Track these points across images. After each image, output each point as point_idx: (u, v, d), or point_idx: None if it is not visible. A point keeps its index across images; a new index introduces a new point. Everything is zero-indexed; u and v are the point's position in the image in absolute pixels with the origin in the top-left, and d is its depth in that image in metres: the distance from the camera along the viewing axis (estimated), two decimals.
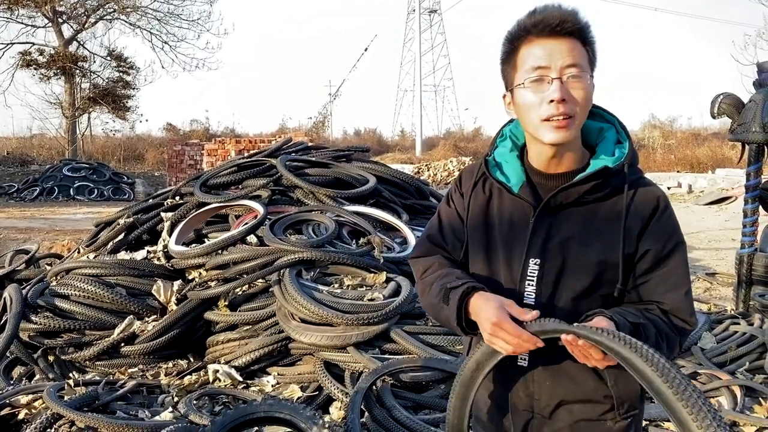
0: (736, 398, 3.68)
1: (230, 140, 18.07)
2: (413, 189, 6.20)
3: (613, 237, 1.41)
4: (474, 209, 1.57)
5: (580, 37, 1.39)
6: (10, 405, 3.27)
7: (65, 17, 27.13)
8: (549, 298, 1.45)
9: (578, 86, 1.37)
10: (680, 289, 1.43)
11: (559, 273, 1.45)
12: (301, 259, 4.24)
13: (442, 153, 29.50)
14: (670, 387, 1.18)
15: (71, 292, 4.42)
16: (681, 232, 1.46)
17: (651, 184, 1.47)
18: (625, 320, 1.34)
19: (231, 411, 2.94)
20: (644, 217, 1.42)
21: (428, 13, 50.21)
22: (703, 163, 23.71)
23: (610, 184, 1.43)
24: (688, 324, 1.43)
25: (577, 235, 1.44)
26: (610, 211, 1.43)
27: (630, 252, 1.42)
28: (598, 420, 1.49)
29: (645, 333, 1.36)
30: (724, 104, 5.19)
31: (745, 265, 5.31)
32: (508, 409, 1.55)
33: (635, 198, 1.43)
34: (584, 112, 1.40)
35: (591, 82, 1.40)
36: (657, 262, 1.43)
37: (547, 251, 1.45)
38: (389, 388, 3.40)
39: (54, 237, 9.89)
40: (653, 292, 1.44)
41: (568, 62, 1.36)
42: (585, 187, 1.42)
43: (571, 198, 1.44)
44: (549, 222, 1.46)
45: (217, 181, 5.57)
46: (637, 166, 1.48)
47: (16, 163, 24.75)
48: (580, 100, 1.38)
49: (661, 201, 1.44)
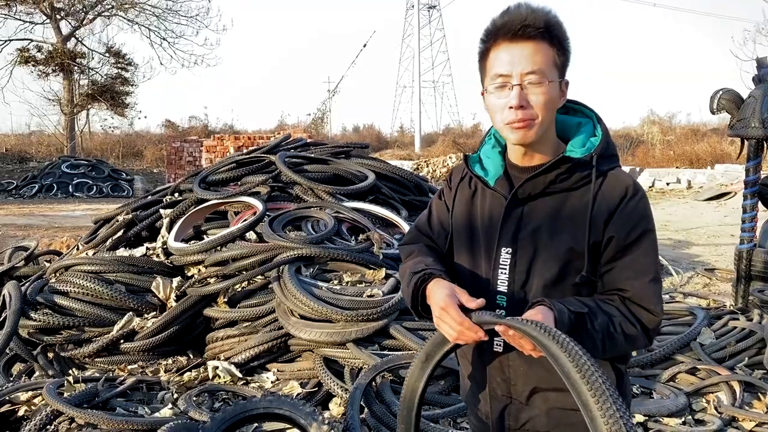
0: (736, 393, 3.69)
1: (229, 137, 18.07)
2: (412, 185, 6.19)
3: (581, 226, 1.45)
4: (459, 203, 1.64)
5: (546, 38, 1.42)
6: (10, 402, 3.27)
7: (63, 14, 27.05)
8: (521, 286, 1.50)
9: (537, 92, 1.42)
10: (643, 276, 1.44)
11: (530, 261, 1.49)
12: (300, 255, 4.24)
13: (441, 149, 29.45)
14: (578, 371, 1.21)
15: (70, 289, 4.42)
16: (650, 221, 1.47)
17: (623, 174, 1.50)
18: (565, 309, 1.36)
19: (230, 407, 2.94)
20: (611, 206, 1.45)
21: (427, 8, 50.11)
22: (702, 159, 23.68)
23: (577, 174, 1.47)
24: (651, 313, 1.44)
25: (547, 225, 1.49)
26: (579, 201, 1.47)
27: (596, 240, 1.45)
28: (575, 410, 1.47)
29: (591, 321, 1.39)
30: (724, 100, 5.18)
31: (744, 261, 5.32)
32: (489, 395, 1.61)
33: (603, 187, 1.47)
34: (546, 113, 1.45)
35: (553, 85, 1.44)
36: (621, 249, 1.45)
37: (518, 240, 1.51)
38: (389, 384, 3.41)
39: (53, 234, 9.89)
40: (616, 279, 1.46)
41: (527, 69, 1.41)
42: (549, 177, 1.48)
43: (539, 188, 1.49)
44: (521, 212, 1.52)
45: (216, 177, 5.57)
46: (612, 158, 1.51)
47: (15, 160, 24.75)
48: (540, 104, 1.43)
49: (630, 190, 1.46)
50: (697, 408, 3.63)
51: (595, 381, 1.20)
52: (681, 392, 3.69)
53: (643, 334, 1.44)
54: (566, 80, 1.50)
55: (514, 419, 1.58)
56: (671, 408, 3.48)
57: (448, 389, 3.49)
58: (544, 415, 1.54)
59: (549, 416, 1.53)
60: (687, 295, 6.39)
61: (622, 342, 1.42)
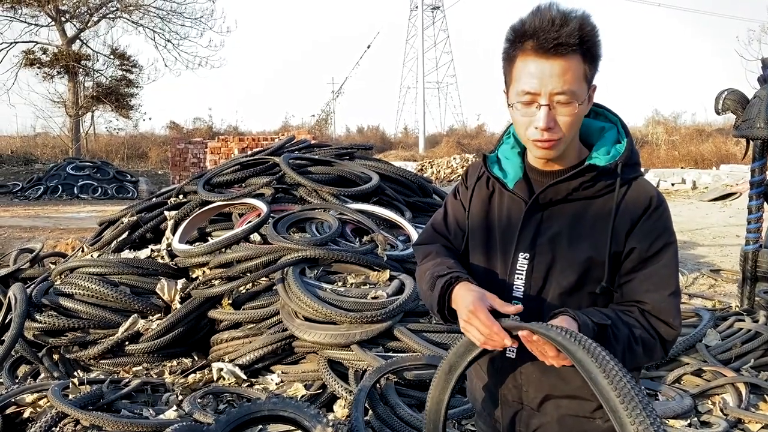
0: (741, 395, 3.67)
1: (233, 138, 18.09)
2: (416, 186, 6.19)
3: (602, 235, 1.42)
4: (476, 203, 1.61)
5: (580, 53, 1.36)
6: (16, 403, 3.28)
7: (68, 16, 27.17)
8: (538, 292, 1.48)
9: (566, 113, 1.37)
10: (663, 290, 1.41)
11: (548, 268, 1.47)
12: (304, 257, 4.24)
13: (445, 150, 29.45)
14: (606, 376, 1.19)
15: (75, 291, 4.43)
16: (672, 234, 1.45)
17: (648, 184, 1.47)
18: (589, 320, 1.34)
19: (235, 409, 2.94)
20: (634, 216, 1.42)
21: (431, 9, 50.08)
22: (707, 159, 23.61)
23: (601, 182, 1.44)
24: (670, 327, 1.41)
25: (567, 232, 1.46)
26: (601, 209, 1.44)
27: (617, 251, 1.43)
28: (588, 418, 1.50)
29: (613, 334, 1.36)
30: (729, 100, 5.16)
31: (750, 262, 5.29)
32: (500, 401, 1.60)
33: (627, 197, 1.44)
34: (571, 133, 1.42)
35: (581, 107, 1.39)
36: (642, 261, 1.42)
37: (536, 246, 1.48)
38: (393, 386, 3.40)
39: (58, 236, 9.91)
40: (636, 291, 1.43)
41: (557, 89, 1.35)
42: (573, 184, 1.44)
43: (561, 194, 1.46)
44: (540, 217, 1.49)
45: (220, 179, 5.58)
46: (636, 166, 1.48)
47: (20, 162, 24.83)
48: (567, 124, 1.39)
49: (654, 201, 1.43)
50: (703, 410, 3.61)
51: (624, 386, 1.18)
52: (686, 394, 3.68)
53: (661, 347, 1.42)
54: (594, 85, 1.44)
55: (525, 425, 1.57)
56: (677, 410, 3.47)
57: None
58: (556, 422, 1.52)
59: (561, 423, 1.52)
60: (692, 296, 6.37)
61: (641, 354, 1.40)
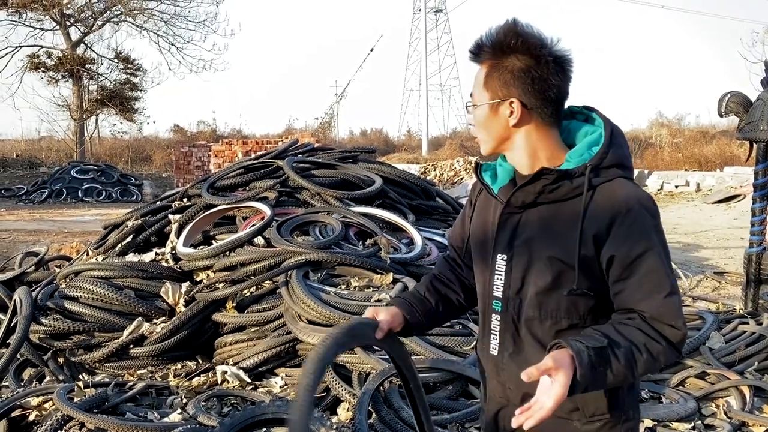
0: (745, 398, 3.66)
1: (237, 141, 18.15)
2: (419, 190, 6.20)
3: (571, 238, 1.43)
4: (477, 211, 1.68)
5: (490, 59, 1.49)
6: (21, 406, 3.30)
7: (73, 20, 27.30)
8: (516, 292, 1.52)
9: (472, 115, 1.56)
10: (657, 294, 1.40)
11: (525, 269, 1.51)
12: (308, 260, 4.25)
13: (448, 153, 29.45)
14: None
15: (80, 295, 4.45)
16: (654, 234, 1.42)
17: (623, 187, 1.45)
18: (583, 347, 1.32)
19: (239, 412, 2.96)
20: (605, 221, 1.42)
21: (434, 12, 50.12)
22: (711, 162, 23.57)
23: (568, 185, 1.45)
24: (675, 328, 1.40)
25: (539, 234, 1.49)
26: (572, 213, 1.45)
27: (588, 254, 1.43)
28: (566, 419, 1.51)
29: (613, 353, 1.34)
30: (732, 103, 5.16)
31: (754, 264, 5.29)
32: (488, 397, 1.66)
33: (597, 200, 1.43)
34: (485, 131, 1.54)
35: (481, 109, 1.52)
36: (627, 267, 1.41)
37: (514, 248, 1.53)
38: (397, 389, 3.41)
39: (63, 239, 9.95)
40: (630, 300, 1.42)
41: (470, 92, 1.56)
42: (536, 187, 1.48)
43: (530, 198, 1.50)
44: (518, 220, 1.53)
45: (224, 182, 5.59)
46: (614, 169, 1.46)
47: (25, 166, 24.94)
48: (476, 125, 1.56)
49: (625, 205, 1.41)
50: (707, 413, 3.61)
51: None
52: (690, 397, 3.67)
53: (671, 348, 1.41)
54: (511, 100, 1.47)
55: (508, 422, 1.57)
56: (680, 413, 3.46)
57: (455, 394, 3.49)
58: None
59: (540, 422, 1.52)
60: (696, 298, 6.37)
61: (649, 360, 1.38)
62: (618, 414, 1.50)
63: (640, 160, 25.67)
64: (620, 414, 1.51)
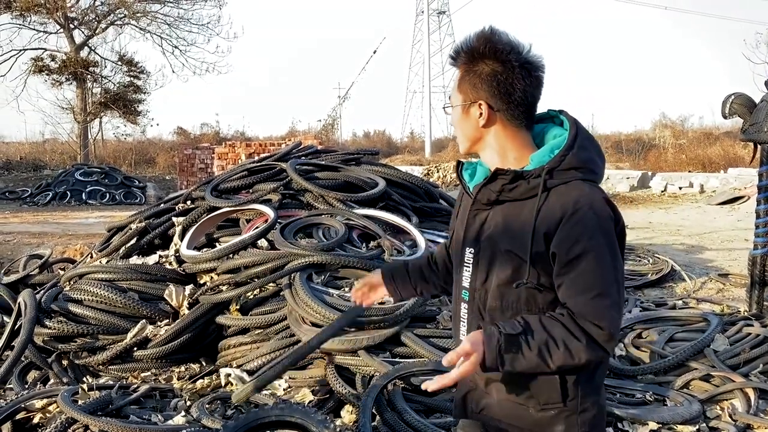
0: (750, 401, 3.65)
1: (240, 143, 18.17)
2: (423, 192, 6.20)
3: (525, 235, 1.52)
4: (461, 209, 1.77)
5: (462, 65, 1.61)
6: (25, 409, 3.31)
7: (76, 23, 27.32)
8: (482, 283, 1.63)
9: (450, 116, 1.67)
10: (586, 293, 1.47)
11: (489, 262, 1.61)
12: (311, 262, 4.26)
13: (451, 154, 29.42)
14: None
15: (84, 297, 4.46)
16: (595, 236, 1.48)
17: (576, 189, 1.51)
18: (496, 332, 1.47)
19: (243, 415, 2.96)
20: (553, 221, 1.50)
21: (437, 14, 50.16)
22: (715, 163, 23.50)
23: (525, 186, 1.54)
24: (599, 328, 1.46)
25: (501, 230, 1.59)
26: (529, 211, 1.54)
27: (539, 251, 1.51)
28: (522, 405, 1.60)
29: (525, 340, 1.46)
30: (736, 104, 5.15)
31: (758, 266, 5.27)
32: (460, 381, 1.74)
33: (548, 201, 1.52)
34: (460, 132, 1.66)
35: (456, 110, 1.64)
36: (565, 265, 1.49)
37: (480, 242, 1.64)
38: (400, 391, 3.40)
39: (67, 241, 9.97)
40: (563, 295, 1.51)
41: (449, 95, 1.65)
42: (495, 186, 1.58)
43: (492, 196, 1.60)
44: (486, 216, 1.64)
45: (227, 185, 5.60)
46: (570, 171, 1.53)
47: (29, 168, 24.99)
48: (453, 126, 1.67)
49: (573, 206, 1.48)
50: (712, 415, 3.60)
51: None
52: (695, 399, 3.66)
53: (594, 347, 1.47)
54: (479, 102, 1.59)
55: (476, 404, 1.71)
56: (685, 415, 3.45)
57: None
58: (497, 404, 1.64)
59: (501, 407, 1.64)
60: (700, 300, 6.34)
61: (566, 355, 1.46)
62: (573, 404, 1.56)
63: (643, 162, 25.64)
64: (575, 404, 1.56)
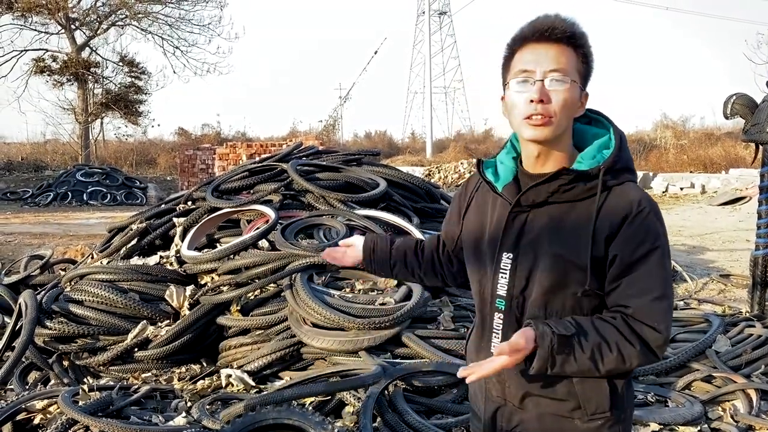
0: (752, 402, 3.65)
1: (241, 144, 18.19)
2: (423, 192, 6.19)
3: (582, 238, 1.45)
4: (473, 208, 1.70)
5: (572, 45, 1.47)
6: (26, 410, 3.30)
7: (78, 24, 27.37)
8: (521, 291, 1.53)
9: (559, 89, 1.45)
10: (647, 294, 1.43)
11: (530, 268, 1.51)
12: (312, 263, 4.25)
13: (452, 155, 29.46)
14: None
15: (85, 298, 4.45)
16: (659, 238, 1.45)
17: (633, 189, 1.48)
18: (549, 331, 1.40)
19: (240, 418, 2.95)
20: (615, 221, 1.44)
21: (438, 15, 50.15)
22: (716, 163, 23.52)
23: (581, 186, 1.48)
24: (656, 330, 1.42)
25: (548, 233, 1.50)
26: (583, 213, 1.47)
27: (598, 255, 1.45)
28: (567, 417, 1.53)
29: (578, 341, 1.41)
30: (737, 105, 5.15)
31: (760, 267, 5.27)
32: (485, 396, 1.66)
33: (608, 201, 1.46)
34: (565, 114, 1.47)
35: (574, 88, 1.47)
36: (626, 267, 1.44)
37: (520, 246, 1.53)
38: (401, 392, 3.40)
39: (68, 242, 9.98)
40: (620, 297, 1.45)
41: (552, 67, 1.45)
42: (552, 187, 1.49)
43: (542, 197, 1.50)
44: (525, 218, 1.54)
45: (228, 186, 5.60)
46: (624, 172, 1.50)
47: (31, 169, 25.02)
48: (560, 102, 1.45)
49: (636, 205, 1.45)
50: (713, 416, 3.59)
51: None
52: (697, 400, 3.66)
53: (647, 352, 1.43)
54: (586, 92, 1.53)
55: (507, 421, 1.61)
56: (687, 416, 3.45)
57: (460, 398, 3.48)
58: (536, 419, 1.56)
59: (540, 421, 1.55)
60: (702, 301, 6.34)
61: (618, 360, 1.42)
62: (618, 412, 1.53)
63: (644, 162, 25.62)
64: (620, 412, 1.53)
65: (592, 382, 1.48)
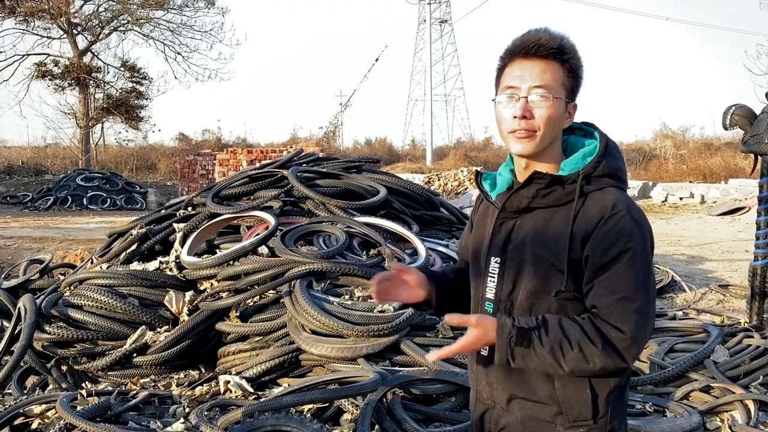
0: (750, 412, 3.64)
1: (242, 150, 18.20)
2: (423, 200, 6.21)
3: (561, 241, 1.49)
4: (478, 219, 1.76)
5: (558, 60, 1.52)
6: (24, 414, 3.30)
7: (80, 28, 27.43)
8: (508, 294, 1.58)
9: (542, 105, 1.51)
10: (614, 294, 1.45)
11: (516, 272, 1.57)
12: (311, 270, 4.26)
13: (452, 162, 29.45)
14: None
15: (84, 303, 4.46)
16: (631, 240, 1.45)
17: (611, 194, 1.51)
18: (509, 323, 1.45)
19: (237, 425, 2.95)
20: (589, 225, 1.48)
21: (439, 23, 50.32)
22: (715, 173, 23.53)
23: (560, 191, 1.52)
24: (620, 332, 1.43)
25: (532, 238, 1.55)
26: (563, 217, 1.52)
27: (575, 258, 1.48)
28: (549, 422, 1.55)
29: (538, 336, 1.44)
30: (736, 115, 5.16)
31: (759, 278, 5.26)
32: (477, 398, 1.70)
33: (586, 205, 1.50)
34: (548, 128, 1.53)
35: (558, 103, 1.52)
36: (598, 268, 1.47)
37: (507, 251, 1.59)
38: (399, 400, 3.40)
39: (67, 246, 9.97)
40: (592, 297, 1.48)
41: (536, 83, 1.51)
42: (530, 192, 1.55)
43: (524, 203, 1.56)
44: (513, 225, 1.60)
45: (229, 191, 5.61)
46: (606, 179, 1.53)
47: (31, 173, 24.99)
48: (543, 118, 1.51)
49: (611, 208, 1.47)
50: (711, 427, 3.59)
51: None
52: (695, 411, 3.65)
53: (612, 353, 1.43)
54: (574, 104, 1.58)
55: (494, 423, 1.64)
56: (685, 427, 3.44)
57: (458, 406, 3.48)
58: (520, 422, 1.59)
59: (524, 424, 1.58)
60: (700, 311, 6.33)
61: (580, 359, 1.43)
62: (603, 421, 1.53)
63: (644, 172, 25.64)
64: (605, 422, 1.53)
65: (572, 387, 1.51)
